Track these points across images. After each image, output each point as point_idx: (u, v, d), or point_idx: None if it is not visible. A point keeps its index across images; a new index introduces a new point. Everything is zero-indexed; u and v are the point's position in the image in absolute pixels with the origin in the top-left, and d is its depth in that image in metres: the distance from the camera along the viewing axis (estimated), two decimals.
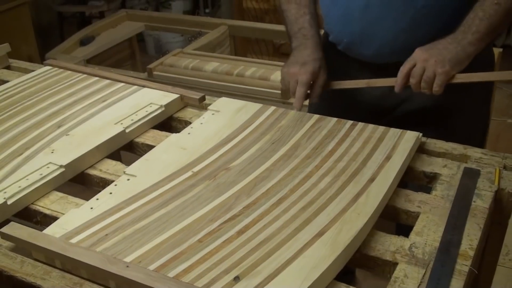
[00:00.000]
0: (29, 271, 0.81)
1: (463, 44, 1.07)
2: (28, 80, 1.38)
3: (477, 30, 1.06)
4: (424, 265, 0.78)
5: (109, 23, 2.98)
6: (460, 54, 1.07)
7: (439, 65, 1.06)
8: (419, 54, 1.08)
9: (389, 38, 1.17)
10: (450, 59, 1.06)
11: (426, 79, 1.07)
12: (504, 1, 1.05)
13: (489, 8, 1.06)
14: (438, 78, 1.07)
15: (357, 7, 1.17)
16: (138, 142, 1.15)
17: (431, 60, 1.06)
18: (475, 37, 1.06)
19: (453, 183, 0.96)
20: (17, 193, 0.95)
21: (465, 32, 1.07)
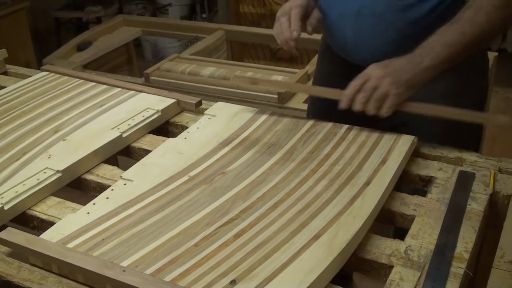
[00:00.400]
0: (26, 276, 0.81)
1: (419, 68, 1.01)
2: (25, 86, 1.38)
3: (437, 55, 1.01)
4: (420, 268, 0.79)
5: (106, 29, 2.98)
6: (416, 77, 1.01)
7: (394, 85, 1.00)
8: (374, 70, 1.03)
9: (379, 47, 1.15)
10: (406, 81, 1.01)
11: (377, 97, 1.01)
12: (468, 33, 1.00)
13: (452, 37, 1.00)
14: (390, 99, 1.01)
15: (349, 14, 1.16)
16: (134, 146, 1.16)
17: (386, 79, 1.01)
18: (434, 63, 1.01)
19: (448, 186, 0.96)
20: (14, 198, 0.95)
21: (423, 56, 1.01)
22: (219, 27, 2.80)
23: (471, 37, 1.00)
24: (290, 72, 2.15)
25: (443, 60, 1.01)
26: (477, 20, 0.99)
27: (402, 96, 1.02)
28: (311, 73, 2.06)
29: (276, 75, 2.11)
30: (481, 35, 1.00)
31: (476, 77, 1.19)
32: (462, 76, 1.11)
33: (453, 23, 1.01)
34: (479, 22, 0.99)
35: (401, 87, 1.01)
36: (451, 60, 1.02)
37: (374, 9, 1.12)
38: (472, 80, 1.18)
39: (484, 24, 0.99)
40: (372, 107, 1.02)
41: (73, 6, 4.03)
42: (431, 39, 1.02)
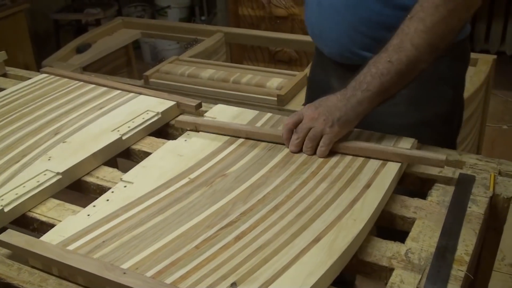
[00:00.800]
0: (26, 279, 0.81)
1: (352, 103, 0.99)
2: (24, 88, 1.38)
3: (367, 88, 0.99)
4: (420, 271, 0.79)
5: (105, 31, 2.99)
6: (349, 113, 0.99)
7: (328, 124, 1.00)
8: (307, 111, 1.02)
9: (336, 39, 1.17)
10: (339, 118, 0.99)
11: (311, 137, 1.01)
12: (397, 61, 0.97)
13: (382, 66, 0.98)
14: (325, 137, 1.00)
15: (313, 2, 1.19)
16: (134, 149, 1.16)
17: (319, 119, 1.00)
18: (365, 96, 0.99)
19: (449, 189, 0.96)
20: (14, 201, 0.95)
21: (356, 89, 1.00)
22: (218, 29, 2.80)
23: (400, 65, 0.97)
24: (289, 75, 2.15)
25: (376, 91, 0.99)
26: (403, 47, 0.97)
27: (338, 134, 1.01)
28: None
29: (275, 77, 2.11)
30: (409, 62, 0.98)
31: (441, 86, 1.17)
32: (425, 84, 1.09)
33: (381, 52, 1.00)
34: (405, 48, 0.97)
35: (335, 125, 1.00)
36: (385, 89, 0.99)
37: (331, 2, 1.14)
38: (436, 89, 1.16)
39: (410, 50, 0.97)
40: (308, 148, 1.02)
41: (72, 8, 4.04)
42: (363, 71, 1.01)
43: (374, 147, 1.01)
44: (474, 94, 2.02)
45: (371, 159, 1.00)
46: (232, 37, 2.77)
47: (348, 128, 1.02)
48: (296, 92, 2.04)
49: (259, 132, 1.09)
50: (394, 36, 0.99)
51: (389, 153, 1.00)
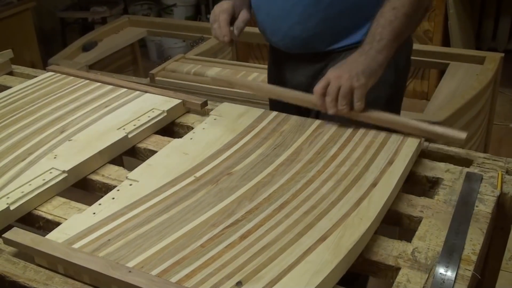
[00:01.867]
0: (32, 277, 0.81)
1: (372, 54, 1.05)
2: (30, 86, 1.39)
3: (381, 37, 1.06)
4: (427, 270, 0.78)
5: (111, 29, 2.99)
6: (371, 64, 1.05)
7: (354, 79, 1.03)
8: (331, 73, 1.06)
9: (286, 29, 1.23)
10: (363, 70, 1.04)
11: (343, 94, 1.04)
12: (400, 5, 1.06)
13: (388, 14, 1.06)
14: (356, 92, 1.04)
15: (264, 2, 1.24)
16: (140, 147, 1.16)
17: (344, 76, 1.04)
18: (382, 44, 1.06)
19: (456, 188, 0.96)
20: (20, 199, 0.95)
21: (371, 42, 1.06)
22: None
23: (404, 8, 1.06)
24: None
25: (390, 38, 1.06)
26: None
27: (367, 86, 1.05)
28: None
29: None
30: (413, 3, 1.07)
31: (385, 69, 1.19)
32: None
33: (385, 3, 1.08)
34: None
35: (361, 77, 1.04)
36: (398, 34, 1.07)
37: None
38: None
39: None
40: (343, 105, 1.05)
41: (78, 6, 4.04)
42: (373, 24, 1.08)
43: (396, 119, 1.06)
44: (481, 92, 2.01)
45: (378, 155, 1.00)
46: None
47: (374, 78, 1.06)
48: None
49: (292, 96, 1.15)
50: None
51: (411, 127, 1.04)
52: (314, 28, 1.20)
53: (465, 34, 3.21)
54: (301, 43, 1.24)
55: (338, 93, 1.04)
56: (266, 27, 1.29)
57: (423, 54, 2.38)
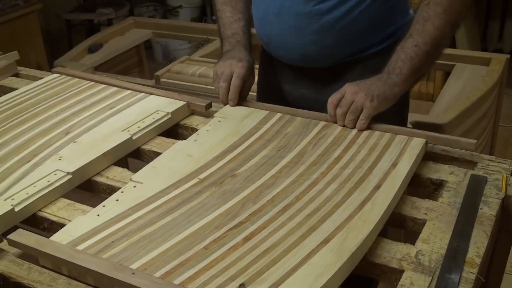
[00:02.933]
0: (36, 278, 0.81)
1: (390, 84, 1.08)
2: (36, 88, 1.39)
3: (401, 72, 1.08)
4: (431, 273, 0.78)
5: (117, 31, 3.00)
6: (387, 92, 1.08)
7: (368, 98, 1.07)
8: (348, 87, 1.09)
9: (298, 46, 1.23)
10: (378, 95, 1.07)
11: (353, 110, 1.08)
12: (422, 43, 1.08)
13: (410, 50, 1.08)
14: (365, 111, 1.07)
15: (272, 12, 1.23)
16: (144, 149, 1.16)
17: (360, 93, 1.07)
18: (400, 78, 1.09)
19: (460, 190, 0.95)
20: (24, 200, 0.95)
21: (390, 73, 1.09)
22: None
23: (426, 46, 1.08)
24: None
25: (408, 73, 1.09)
26: (426, 30, 1.08)
27: (377, 109, 1.08)
28: None
29: None
30: (434, 42, 1.08)
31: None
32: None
33: (407, 38, 1.10)
34: (428, 31, 1.08)
35: (375, 100, 1.07)
36: (416, 70, 1.10)
37: (293, 10, 1.19)
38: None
39: (433, 32, 1.08)
40: (350, 120, 1.09)
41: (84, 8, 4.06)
42: (393, 57, 1.10)
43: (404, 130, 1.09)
44: (487, 93, 2.01)
45: (382, 157, 1.00)
46: None
47: (386, 105, 1.09)
48: None
49: (310, 113, 1.17)
50: (415, 21, 1.09)
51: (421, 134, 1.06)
52: (329, 47, 1.20)
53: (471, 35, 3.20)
54: (312, 59, 1.24)
55: (349, 107, 1.08)
56: (273, 41, 1.28)
57: None
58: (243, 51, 1.25)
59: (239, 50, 1.25)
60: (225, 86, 1.21)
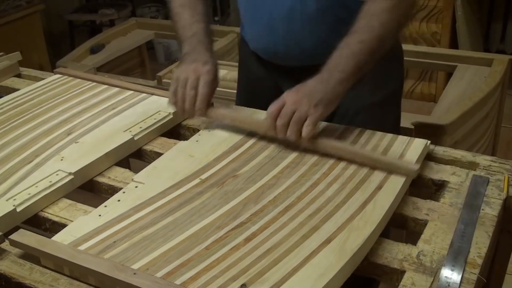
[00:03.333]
0: (38, 278, 0.81)
1: (331, 84, 1.01)
2: (38, 88, 1.39)
3: (343, 69, 1.02)
4: (432, 273, 0.78)
5: (119, 31, 3.00)
6: (329, 94, 1.01)
7: (312, 105, 0.99)
8: (288, 96, 1.02)
9: (310, 46, 1.21)
10: (321, 99, 1.00)
11: (297, 120, 0.99)
12: (367, 40, 1.03)
13: (354, 46, 1.03)
14: (309, 118, 0.99)
15: (280, 18, 1.21)
16: (146, 149, 1.16)
17: (303, 102, 0.99)
18: (342, 76, 1.01)
19: (462, 191, 0.95)
20: (26, 200, 0.95)
21: (332, 71, 1.02)
22: (232, 30, 2.80)
23: (370, 43, 1.03)
24: None
25: (351, 71, 1.02)
26: (372, 26, 1.04)
27: (322, 115, 1.00)
28: None
29: None
30: (379, 40, 1.04)
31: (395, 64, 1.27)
32: (383, 65, 1.12)
33: (351, 33, 1.04)
34: (373, 27, 1.04)
35: (318, 106, 0.99)
36: (360, 68, 1.03)
37: (304, 10, 1.17)
38: (391, 69, 1.28)
39: (378, 28, 1.04)
40: (293, 131, 1.00)
41: (87, 9, 4.06)
42: (336, 53, 1.04)
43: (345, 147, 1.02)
44: (489, 94, 2.00)
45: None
46: None
47: (330, 108, 1.02)
48: None
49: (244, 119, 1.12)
50: (361, 17, 1.05)
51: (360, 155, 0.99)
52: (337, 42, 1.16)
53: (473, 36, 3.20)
54: (318, 57, 1.16)
55: (291, 117, 1.00)
56: (279, 46, 1.25)
57: (430, 56, 2.38)
58: (206, 52, 1.15)
59: (202, 52, 1.15)
60: (193, 94, 1.10)
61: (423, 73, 3.30)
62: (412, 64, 2.43)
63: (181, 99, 1.11)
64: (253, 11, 1.28)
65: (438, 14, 3.14)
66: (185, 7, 1.22)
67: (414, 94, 3.38)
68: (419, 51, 2.42)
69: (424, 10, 3.16)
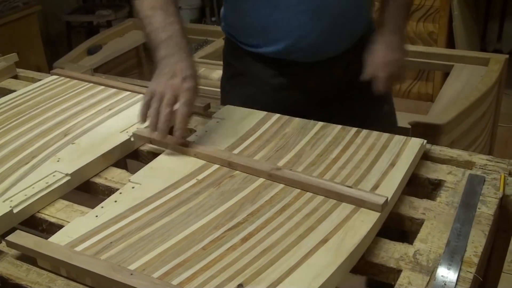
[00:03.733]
0: (35, 279, 0.81)
1: (401, 34, 1.26)
2: (35, 90, 1.39)
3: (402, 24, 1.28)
4: (428, 272, 0.78)
5: (116, 32, 3.01)
6: (402, 40, 1.26)
7: (398, 53, 1.23)
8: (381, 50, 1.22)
9: (317, 40, 1.24)
10: (399, 46, 1.24)
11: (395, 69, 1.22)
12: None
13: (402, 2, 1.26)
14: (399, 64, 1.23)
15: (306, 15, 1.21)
16: (143, 150, 1.16)
17: (394, 53, 1.22)
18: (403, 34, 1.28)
19: (458, 190, 0.95)
20: (23, 202, 0.95)
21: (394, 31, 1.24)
22: None
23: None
24: None
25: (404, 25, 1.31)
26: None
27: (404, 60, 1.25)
28: None
29: None
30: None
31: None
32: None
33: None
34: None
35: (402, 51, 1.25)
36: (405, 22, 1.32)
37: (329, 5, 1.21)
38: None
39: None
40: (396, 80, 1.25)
41: (84, 10, 4.06)
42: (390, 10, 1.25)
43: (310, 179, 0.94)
44: (485, 94, 2.01)
45: (380, 157, 1.00)
46: None
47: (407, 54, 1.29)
48: None
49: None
50: None
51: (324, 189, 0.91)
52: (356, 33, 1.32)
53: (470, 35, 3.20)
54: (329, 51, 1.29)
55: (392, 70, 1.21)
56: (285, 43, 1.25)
57: (427, 56, 2.39)
58: (186, 60, 1.06)
59: (180, 59, 1.06)
60: (168, 112, 1.01)
61: (420, 72, 3.31)
62: (409, 64, 2.43)
63: (155, 114, 1.02)
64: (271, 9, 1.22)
65: (434, 14, 3.15)
66: (157, 9, 1.11)
67: (411, 94, 3.39)
68: (416, 50, 2.42)
69: (421, 10, 3.16)
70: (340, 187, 0.90)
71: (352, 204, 0.88)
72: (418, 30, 3.21)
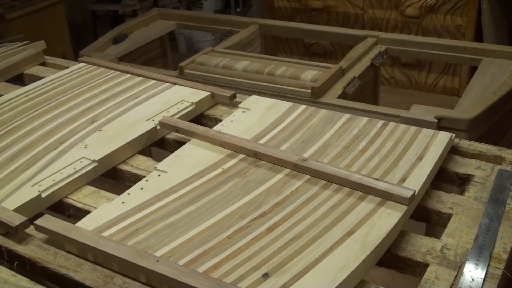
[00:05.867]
0: (62, 263, 0.82)
1: None
2: (62, 77, 1.41)
3: None
4: (456, 268, 0.77)
5: (141, 22, 3.01)
6: None
7: None
8: None
9: None
10: None
11: None
12: None
13: None
14: None
15: None
16: (169, 138, 1.16)
17: None
18: None
19: (487, 185, 0.94)
20: (51, 187, 0.97)
21: None
22: (253, 21, 2.79)
23: None
24: (323, 67, 2.13)
25: None
26: None
27: None
28: (345, 68, 2.04)
29: (310, 69, 2.10)
30: None
31: None
32: None
33: None
34: None
35: None
36: None
37: None
38: None
39: None
40: None
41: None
42: None
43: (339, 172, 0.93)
44: None
45: (408, 150, 0.99)
46: (267, 29, 2.75)
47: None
48: (331, 85, 2.02)
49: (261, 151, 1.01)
50: None
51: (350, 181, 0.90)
52: None
53: (499, 29, 3.14)
54: None
55: None
56: None
57: (455, 49, 2.34)
58: None
59: None
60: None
61: (447, 66, 3.26)
62: (436, 57, 2.40)
63: None
64: None
65: (463, 7, 3.09)
66: None
67: (437, 88, 3.34)
68: (442, 44, 2.38)
69: (449, 3, 3.11)
70: (367, 180, 0.89)
71: (378, 197, 0.87)
72: (446, 23, 3.16)
